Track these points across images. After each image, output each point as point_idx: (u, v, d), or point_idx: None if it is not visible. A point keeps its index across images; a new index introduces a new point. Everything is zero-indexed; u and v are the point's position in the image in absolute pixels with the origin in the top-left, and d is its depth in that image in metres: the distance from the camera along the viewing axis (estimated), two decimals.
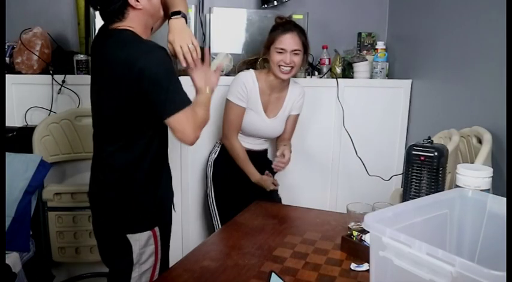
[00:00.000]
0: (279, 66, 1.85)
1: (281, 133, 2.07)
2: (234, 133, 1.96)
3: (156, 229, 1.36)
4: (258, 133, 2.01)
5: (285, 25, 1.88)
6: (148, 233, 1.33)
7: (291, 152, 1.95)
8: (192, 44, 1.34)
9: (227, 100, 1.94)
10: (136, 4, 1.23)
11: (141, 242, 1.33)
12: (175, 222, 2.32)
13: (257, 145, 2.06)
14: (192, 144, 1.25)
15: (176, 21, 1.37)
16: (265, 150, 2.17)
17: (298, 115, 2.09)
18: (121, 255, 1.34)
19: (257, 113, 1.95)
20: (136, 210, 1.33)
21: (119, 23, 1.26)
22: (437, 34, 2.23)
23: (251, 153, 2.02)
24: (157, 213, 1.38)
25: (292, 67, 1.86)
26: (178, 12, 1.37)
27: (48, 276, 2.02)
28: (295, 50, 1.84)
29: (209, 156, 2.10)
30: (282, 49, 1.83)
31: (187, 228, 2.36)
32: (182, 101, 1.22)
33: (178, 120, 1.20)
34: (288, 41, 1.83)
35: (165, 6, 1.40)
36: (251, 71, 1.96)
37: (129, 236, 1.32)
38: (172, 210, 1.50)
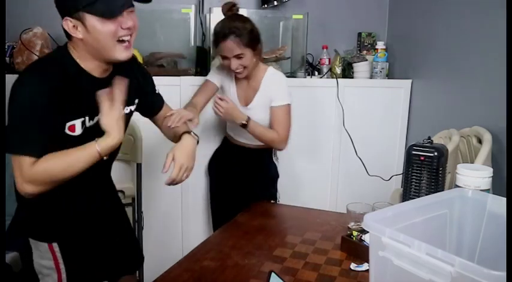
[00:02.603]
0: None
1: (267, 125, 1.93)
2: (193, 99, 1.92)
3: (55, 245, 1.26)
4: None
5: (223, 28, 1.77)
6: (45, 244, 1.27)
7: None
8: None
9: None
10: (74, 32, 1.14)
11: (40, 253, 1.27)
12: (176, 222, 2.35)
13: (251, 140, 1.94)
14: (23, 193, 1.12)
15: (191, 140, 1.36)
16: (265, 149, 1.97)
17: (280, 107, 1.83)
18: (27, 260, 1.30)
19: (232, 101, 1.87)
20: (35, 219, 1.27)
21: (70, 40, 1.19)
22: (437, 34, 2.23)
23: (246, 150, 1.95)
24: (56, 231, 1.28)
25: (245, 67, 1.78)
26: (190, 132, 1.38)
27: None
28: (236, 55, 1.76)
29: None
30: (224, 56, 1.78)
31: (187, 228, 2.36)
32: (22, 145, 1.08)
33: (13, 161, 1.10)
34: (227, 49, 1.75)
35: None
36: None
37: (31, 240, 1.28)
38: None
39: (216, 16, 2.25)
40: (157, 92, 1.48)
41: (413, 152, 1.31)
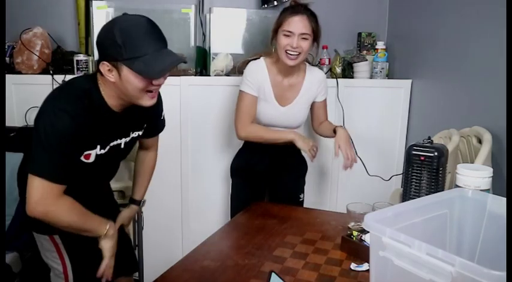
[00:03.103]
0: (286, 51, 1.74)
1: (300, 122, 1.96)
2: (248, 122, 1.85)
3: (56, 237, 1.33)
4: (273, 123, 1.90)
5: (295, 7, 1.77)
6: (47, 237, 1.34)
7: (349, 142, 1.87)
8: None
9: (239, 91, 1.86)
10: (108, 75, 1.17)
11: (43, 245, 1.36)
12: (176, 222, 2.35)
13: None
14: (30, 214, 1.17)
15: (132, 211, 1.62)
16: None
17: (325, 100, 1.99)
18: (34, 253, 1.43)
19: (269, 102, 1.86)
20: None
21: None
22: (437, 34, 2.23)
23: (278, 148, 1.91)
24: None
25: (300, 53, 1.74)
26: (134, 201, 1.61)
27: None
28: (303, 34, 1.72)
29: None
30: (289, 32, 1.72)
31: (187, 228, 2.36)
32: (43, 168, 1.14)
33: (30, 181, 1.15)
34: (297, 24, 1.72)
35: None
36: (261, 59, 1.88)
37: (34, 233, 1.36)
38: None
39: (216, 16, 2.26)
40: (162, 117, 1.52)
41: (414, 152, 1.31)
